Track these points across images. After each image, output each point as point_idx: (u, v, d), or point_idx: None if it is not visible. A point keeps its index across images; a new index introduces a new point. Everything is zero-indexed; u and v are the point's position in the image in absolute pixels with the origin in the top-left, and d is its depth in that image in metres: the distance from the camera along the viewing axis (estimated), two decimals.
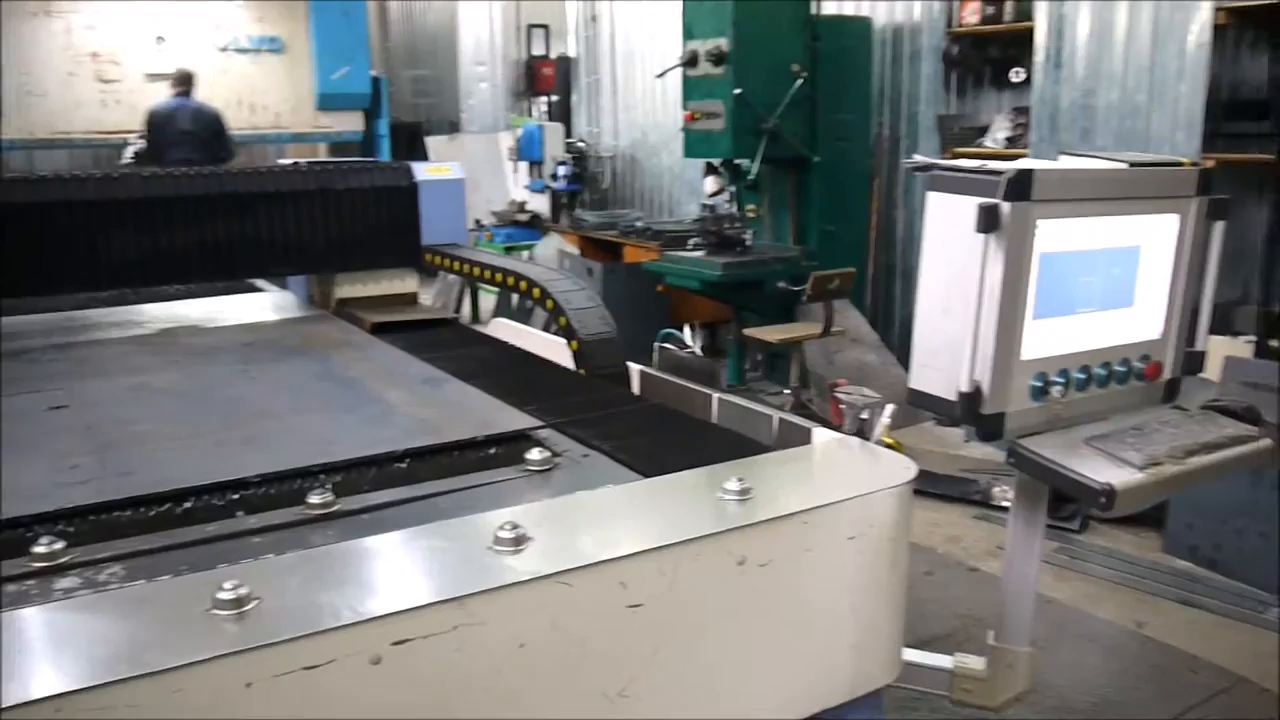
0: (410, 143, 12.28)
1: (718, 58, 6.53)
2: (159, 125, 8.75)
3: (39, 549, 1.54)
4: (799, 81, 6.64)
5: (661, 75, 8.01)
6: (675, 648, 1.51)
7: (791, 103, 6.62)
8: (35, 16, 10.19)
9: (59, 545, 1.55)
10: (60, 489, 1.82)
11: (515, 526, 1.45)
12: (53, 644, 1.24)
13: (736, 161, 6.86)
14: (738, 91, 6.46)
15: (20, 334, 3.24)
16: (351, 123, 11.63)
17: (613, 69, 10.61)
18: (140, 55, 10.62)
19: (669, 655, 1.51)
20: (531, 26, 12.69)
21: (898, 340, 7.16)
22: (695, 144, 6.94)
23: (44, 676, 1.16)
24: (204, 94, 9.53)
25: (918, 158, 2.39)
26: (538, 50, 12.69)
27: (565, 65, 11.67)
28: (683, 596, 1.50)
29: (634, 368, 2.67)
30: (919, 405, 2.07)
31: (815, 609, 1.67)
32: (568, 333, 2.72)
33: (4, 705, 1.09)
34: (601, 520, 1.63)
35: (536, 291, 2.91)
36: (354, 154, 11.28)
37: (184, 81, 8.92)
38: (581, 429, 2.13)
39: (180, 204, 3.16)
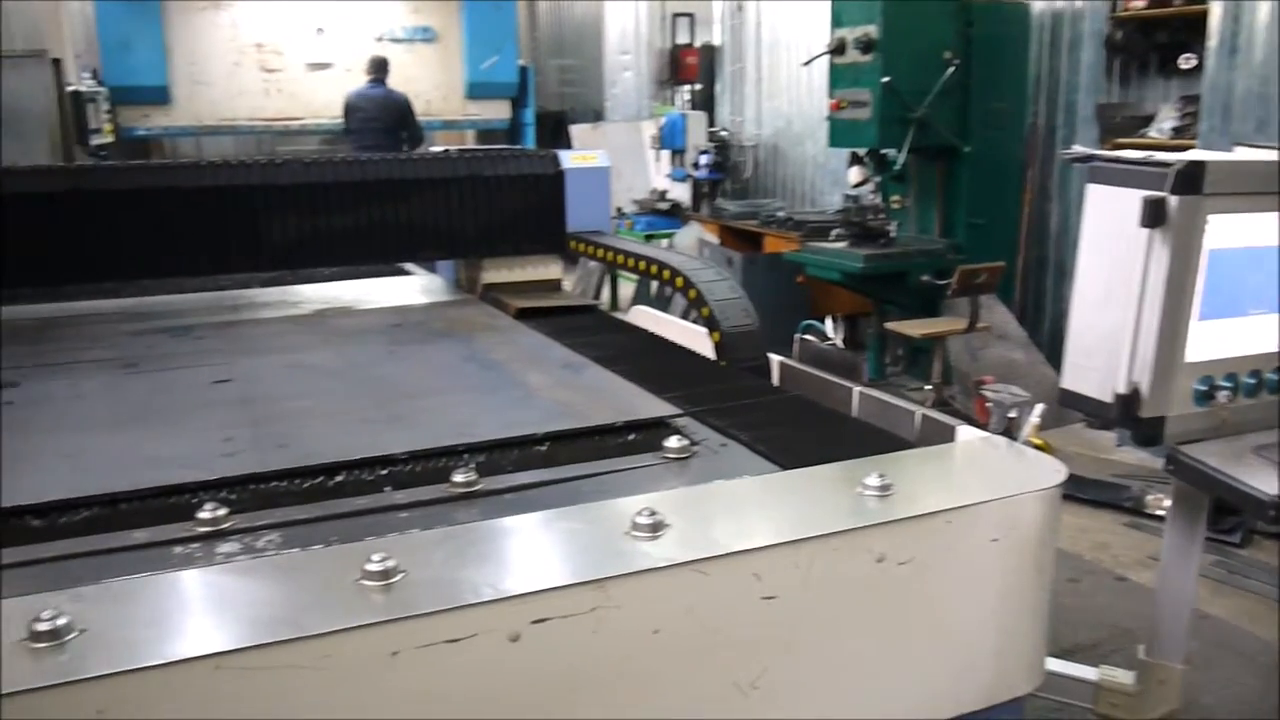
0: (555, 130, 12.48)
1: (866, 45, 6.41)
2: (350, 111, 9.09)
3: (203, 514, 1.62)
4: (950, 69, 6.46)
5: (807, 63, 7.90)
6: (809, 642, 1.50)
7: (942, 91, 6.45)
8: (204, 10, 10.75)
9: (222, 511, 1.63)
10: (222, 459, 1.92)
11: (653, 513, 1.46)
12: (214, 604, 1.31)
13: (883, 151, 6.73)
14: (886, 80, 6.33)
15: (187, 311, 3.42)
16: (499, 111, 11.91)
17: (757, 57, 10.52)
18: (301, 45, 11.09)
19: (803, 649, 1.49)
20: (676, 15, 12.70)
21: (1047, 338, 6.91)
22: (840, 133, 6.83)
23: (206, 634, 1.23)
24: (357, 81, 9.87)
25: (1076, 148, 2.30)
26: (682, 39, 12.69)
27: (709, 54, 11.63)
28: (818, 591, 1.48)
29: (774, 359, 2.65)
30: (1070, 406, 1.99)
31: (955, 611, 1.62)
32: (710, 324, 2.72)
33: (169, 660, 1.16)
34: (738, 510, 1.62)
35: (680, 281, 2.91)
36: (500, 141, 11.54)
37: (377, 69, 9.22)
38: (720, 418, 2.13)
39: (337, 190, 3.28)
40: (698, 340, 2.86)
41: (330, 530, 1.62)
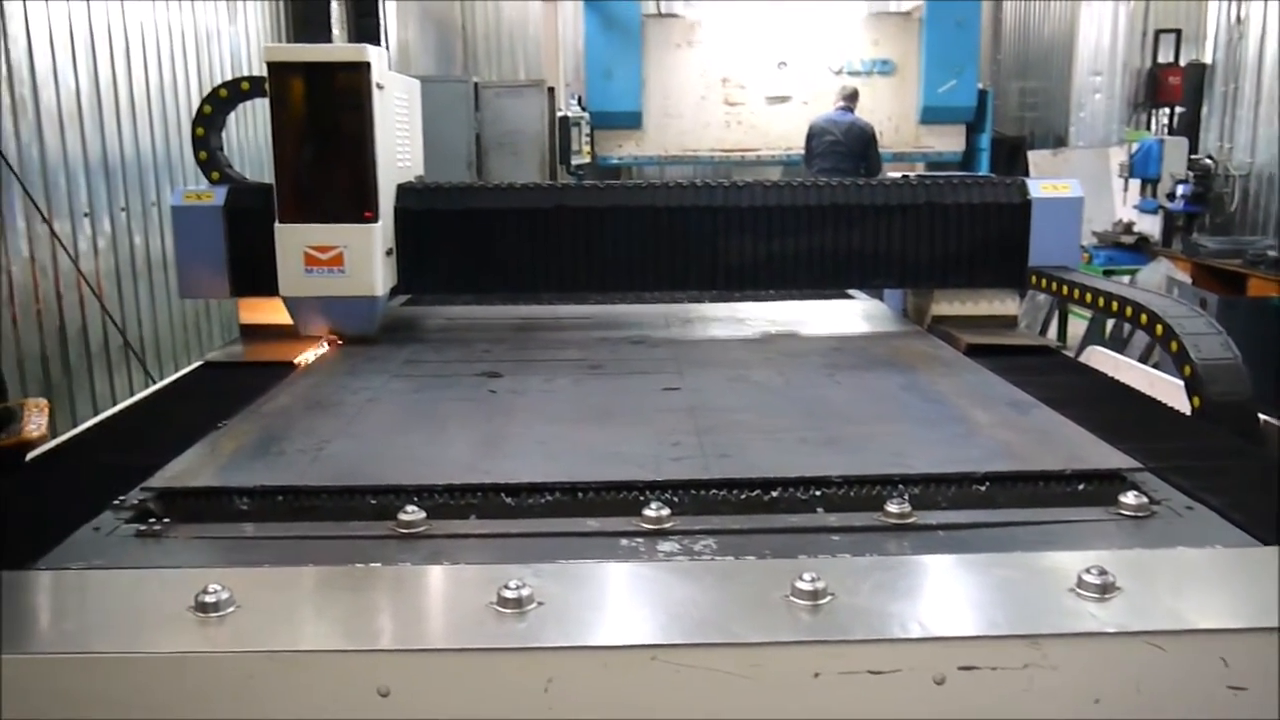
0: (1010, 157, 11.96)
1: None
2: (814, 135, 9.41)
3: (649, 512, 1.73)
4: None
5: None
6: None
7: None
8: (679, 48, 11.57)
9: (665, 511, 1.73)
10: (669, 462, 2.04)
11: (1103, 572, 1.34)
12: (653, 598, 1.40)
13: None
14: None
15: (645, 320, 3.68)
16: (952, 139, 11.61)
17: (1258, 75, 9.38)
18: (762, 79, 11.56)
19: None
20: (1160, 32, 11.67)
21: None
22: None
23: (644, 625, 1.31)
24: (812, 113, 10.09)
25: None
26: (1164, 57, 11.64)
27: (1197, 73, 10.57)
28: None
29: (1261, 418, 2.34)
30: None
31: None
32: (1190, 384, 2.41)
33: (613, 644, 1.26)
34: (1205, 583, 1.46)
35: (1160, 329, 2.60)
36: (953, 168, 11.25)
37: (849, 98, 9.49)
38: (1187, 477, 1.91)
39: (794, 213, 3.35)
40: (1165, 392, 2.59)
41: (763, 544, 1.66)
